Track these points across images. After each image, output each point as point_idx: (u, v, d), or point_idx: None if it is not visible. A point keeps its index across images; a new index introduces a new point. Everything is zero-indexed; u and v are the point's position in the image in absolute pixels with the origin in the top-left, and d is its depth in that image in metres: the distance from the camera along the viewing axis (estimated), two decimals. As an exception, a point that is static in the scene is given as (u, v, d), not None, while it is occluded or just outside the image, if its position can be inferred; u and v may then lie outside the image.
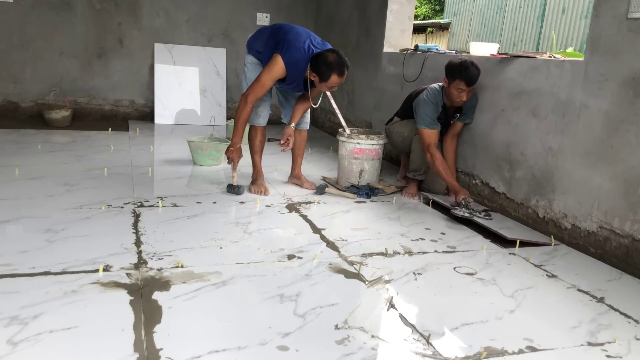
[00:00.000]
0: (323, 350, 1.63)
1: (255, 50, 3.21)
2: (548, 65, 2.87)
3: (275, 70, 3.01)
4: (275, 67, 3.01)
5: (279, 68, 3.01)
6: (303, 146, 3.59)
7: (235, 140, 3.18)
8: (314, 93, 3.25)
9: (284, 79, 3.10)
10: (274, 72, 3.02)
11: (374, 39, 4.75)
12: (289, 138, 3.23)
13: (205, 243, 2.42)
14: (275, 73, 3.03)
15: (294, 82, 3.13)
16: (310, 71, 3.00)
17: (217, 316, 1.80)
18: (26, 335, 1.59)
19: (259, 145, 3.46)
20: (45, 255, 2.17)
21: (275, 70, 3.01)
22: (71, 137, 4.62)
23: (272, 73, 3.03)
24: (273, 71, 3.02)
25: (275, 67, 3.01)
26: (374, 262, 2.36)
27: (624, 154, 2.46)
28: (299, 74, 3.06)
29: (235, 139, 3.18)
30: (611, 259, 2.53)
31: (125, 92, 5.73)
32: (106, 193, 3.05)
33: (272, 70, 3.02)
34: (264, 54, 3.14)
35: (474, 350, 1.70)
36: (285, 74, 3.06)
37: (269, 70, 3.02)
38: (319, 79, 2.97)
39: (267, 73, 3.03)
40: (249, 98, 3.07)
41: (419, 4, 18.23)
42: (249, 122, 3.35)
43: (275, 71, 3.02)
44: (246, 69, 3.30)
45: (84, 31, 5.46)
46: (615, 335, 1.86)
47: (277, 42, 3.04)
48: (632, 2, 2.39)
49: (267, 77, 3.04)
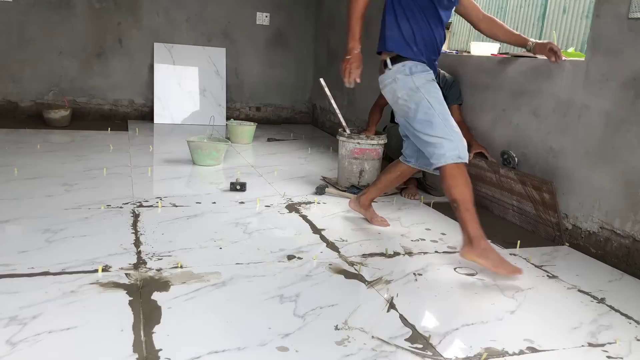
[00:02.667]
0: (323, 351, 1.62)
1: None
2: (549, 65, 2.86)
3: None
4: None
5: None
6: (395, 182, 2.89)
7: (352, 45, 2.46)
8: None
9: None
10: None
11: (374, 38, 4.72)
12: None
13: (205, 243, 2.42)
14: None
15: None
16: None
17: (217, 317, 1.79)
18: (25, 336, 1.58)
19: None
20: (44, 255, 2.16)
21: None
22: (70, 137, 4.61)
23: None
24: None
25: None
26: (374, 262, 2.35)
27: (625, 154, 2.45)
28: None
29: (352, 44, 2.46)
30: (612, 259, 2.52)
31: (124, 91, 5.72)
32: (105, 193, 3.04)
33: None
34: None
35: (474, 351, 1.69)
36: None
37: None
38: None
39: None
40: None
41: (418, 4, 18.16)
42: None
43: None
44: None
45: (83, 31, 5.45)
46: (616, 336, 1.85)
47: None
48: (633, 2, 2.38)
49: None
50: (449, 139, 2.32)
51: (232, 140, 4.76)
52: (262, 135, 5.35)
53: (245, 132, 4.85)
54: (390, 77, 2.46)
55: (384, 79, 2.52)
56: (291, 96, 6.33)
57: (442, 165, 2.32)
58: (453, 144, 2.31)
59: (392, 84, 2.45)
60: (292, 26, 6.13)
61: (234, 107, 6.11)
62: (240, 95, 6.12)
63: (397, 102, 2.46)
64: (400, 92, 2.42)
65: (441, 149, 2.31)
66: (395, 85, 2.44)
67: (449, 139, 2.31)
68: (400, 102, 2.44)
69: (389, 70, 2.47)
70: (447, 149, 2.31)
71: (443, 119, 2.35)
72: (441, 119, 2.34)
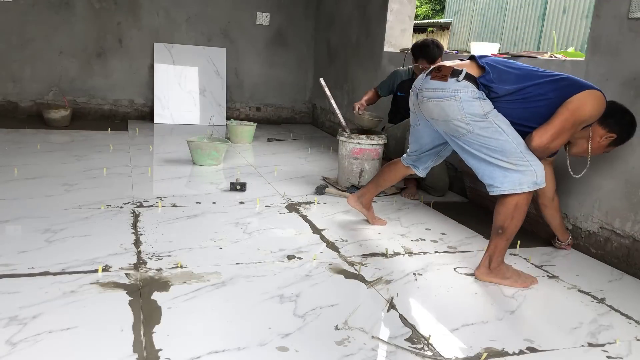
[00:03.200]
0: (323, 351, 1.62)
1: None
2: (549, 65, 2.86)
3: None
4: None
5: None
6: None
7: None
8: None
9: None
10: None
11: (374, 38, 4.75)
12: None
13: (205, 243, 2.42)
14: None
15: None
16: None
17: (217, 317, 1.79)
18: (25, 336, 1.58)
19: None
20: (44, 255, 2.16)
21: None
22: (70, 137, 4.61)
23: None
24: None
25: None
26: (374, 262, 2.35)
27: (624, 154, 2.45)
28: None
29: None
30: (612, 259, 2.52)
31: (124, 91, 5.72)
32: (105, 193, 3.04)
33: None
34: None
35: (474, 351, 1.69)
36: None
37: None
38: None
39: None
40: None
41: (419, 4, 18.22)
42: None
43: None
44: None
45: (83, 30, 5.45)
46: (616, 336, 1.85)
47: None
48: (633, 2, 2.39)
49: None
50: (524, 169, 2.12)
51: (232, 140, 4.76)
52: (262, 135, 5.35)
53: (245, 132, 4.85)
54: (452, 91, 2.14)
55: (439, 88, 2.18)
56: (291, 96, 6.33)
57: (514, 194, 2.12)
58: (530, 169, 2.12)
59: (450, 100, 2.14)
60: (292, 26, 6.13)
61: (234, 107, 6.11)
62: (240, 95, 6.12)
63: (448, 121, 2.18)
64: (459, 114, 2.13)
65: (515, 176, 2.11)
66: (453, 103, 2.14)
67: (524, 170, 2.12)
68: (455, 123, 2.16)
69: (455, 83, 2.14)
70: (523, 178, 2.12)
71: (518, 144, 2.13)
72: (514, 146, 2.13)
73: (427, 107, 2.26)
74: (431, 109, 2.24)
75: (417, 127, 2.47)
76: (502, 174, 2.14)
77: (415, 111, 2.41)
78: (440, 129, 2.30)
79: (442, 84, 2.17)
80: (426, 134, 2.45)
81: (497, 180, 2.15)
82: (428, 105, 2.25)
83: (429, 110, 2.26)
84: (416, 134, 2.51)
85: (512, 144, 2.13)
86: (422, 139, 2.49)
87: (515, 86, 2.14)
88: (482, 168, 2.20)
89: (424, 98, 2.26)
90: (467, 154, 2.24)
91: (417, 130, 2.48)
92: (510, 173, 2.13)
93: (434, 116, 2.26)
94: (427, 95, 2.24)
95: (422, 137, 2.48)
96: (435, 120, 2.27)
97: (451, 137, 2.26)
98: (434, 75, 2.21)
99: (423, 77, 2.31)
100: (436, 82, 2.19)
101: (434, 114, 2.25)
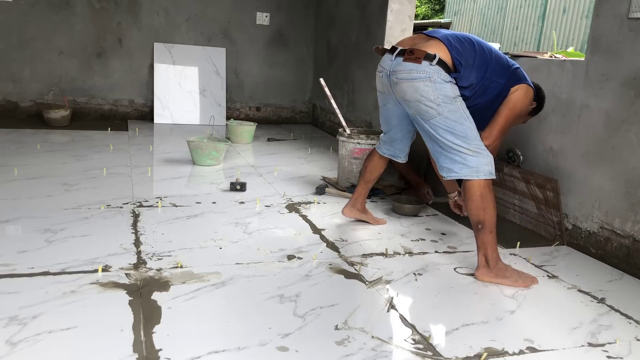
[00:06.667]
0: (323, 351, 1.62)
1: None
2: (549, 65, 2.86)
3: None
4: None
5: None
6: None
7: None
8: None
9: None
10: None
11: (374, 38, 4.74)
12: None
13: (205, 243, 2.42)
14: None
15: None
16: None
17: (217, 317, 1.79)
18: (25, 336, 1.58)
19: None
20: (44, 255, 2.16)
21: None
22: (70, 137, 4.61)
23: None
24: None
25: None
26: (374, 262, 2.35)
27: (624, 154, 2.45)
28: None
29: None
30: (612, 259, 2.52)
31: (124, 91, 5.72)
32: (105, 193, 3.04)
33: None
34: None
35: (474, 350, 1.69)
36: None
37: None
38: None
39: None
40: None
41: (419, 4, 18.23)
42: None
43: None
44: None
45: (83, 30, 5.45)
46: (616, 336, 1.85)
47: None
48: (633, 2, 2.39)
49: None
50: (482, 153, 2.23)
51: (232, 140, 4.76)
52: (262, 135, 5.35)
53: (245, 132, 4.85)
54: (426, 72, 2.20)
55: (414, 69, 2.23)
56: (291, 96, 6.33)
57: (472, 179, 2.21)
58: (487, 159, 2.22)
59: (425, 81, 2.20)
60: (292, 26, 6.13)
61: (234, 107, 6.11)
62: (240, 95, 6.12)
63: (420, 102, 2.23)
64: (432, 95, 2.19)
65: (473, 162, 2.21)
66: (428, 84, 2.20)
67: (482, 154, 2.23)
68: (427, 104, 2.22)
69: (429, 66, 2.20)
70: (481, 163, 2.21)
71: (477, 133, 2.26)
72: (475, 133, 2.25)
73: (401, 89, 2.30)
74: (405, 90, 2.28)
75: (386, 107, 2.54)
76: (462, 159, 2.24)
77: (385, 92, 2.47)
78: (410, 110, 2.34)
79: (416, 66, 2.23)
80: (395, 115, 2.54)
81: (456, 165, 2.25)
82: (402, 87, 2.29)
83: (403, 91, 2.30)
84: (386, 113, 2.58)
85: (473, 131, 2.25)
86: (392, 120, 2.57)
87: (476, 75, 2.30)
88: (443, 153, 2.28)
89: (398, 80, 2.30)
90: (430, 137, 2.31)
91: (387, 109, 2.55)
92: (469, 160, 2.23)
93: (407, 97, 2.30)
94: (402, 77, 2.28)
95: (392, 117, 2.56)
96: (407, 102, 2.31)
97: (419, 119, 2.31)
98: (407, 57, 2.26)
99: (392, 58, 2.34)
100: (410, 63, 2.25)
101: (407, 95, 2.28)
